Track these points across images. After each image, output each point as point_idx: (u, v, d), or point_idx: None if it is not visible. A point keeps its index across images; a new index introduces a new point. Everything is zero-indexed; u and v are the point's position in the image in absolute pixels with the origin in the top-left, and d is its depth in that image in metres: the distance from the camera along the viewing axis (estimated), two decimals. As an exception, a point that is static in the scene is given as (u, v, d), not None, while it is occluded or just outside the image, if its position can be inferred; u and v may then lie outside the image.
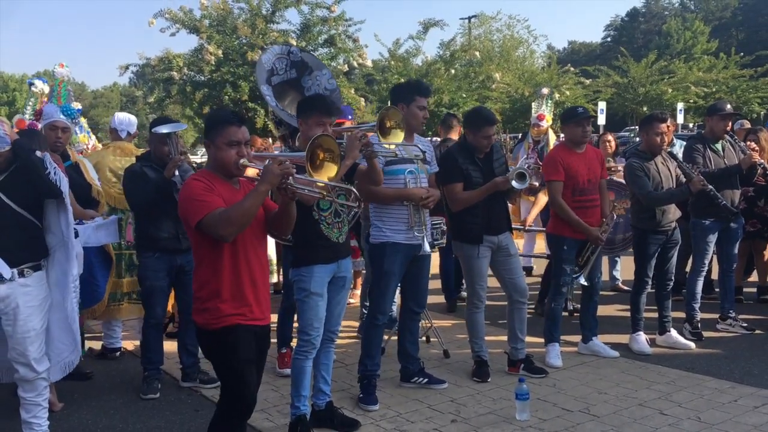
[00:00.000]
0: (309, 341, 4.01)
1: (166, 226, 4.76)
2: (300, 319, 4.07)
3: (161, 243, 4.78)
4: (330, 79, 5.30)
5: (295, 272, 4.03)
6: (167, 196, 4.64)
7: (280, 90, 5.14)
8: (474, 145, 4.95)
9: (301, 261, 4.00)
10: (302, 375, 4.03)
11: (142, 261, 4.92)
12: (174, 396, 4.87)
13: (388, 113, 4.06)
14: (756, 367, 5.10)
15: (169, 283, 4.92)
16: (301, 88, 5.19)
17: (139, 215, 4.91)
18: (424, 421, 4.30)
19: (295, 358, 4.07)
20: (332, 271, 4.05)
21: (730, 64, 36.26)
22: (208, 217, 3.01)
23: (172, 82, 14.07)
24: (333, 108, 4.16)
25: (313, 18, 14.29)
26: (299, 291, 4.01)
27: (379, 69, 22.03)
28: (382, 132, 3.99)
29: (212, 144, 3.20)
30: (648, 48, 47.47)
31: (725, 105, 5.94)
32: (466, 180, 4.87)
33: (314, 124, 3.94)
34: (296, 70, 5.23)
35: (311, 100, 4.17)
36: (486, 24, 40.22)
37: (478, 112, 5.12)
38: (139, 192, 4.72)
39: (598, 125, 22.84)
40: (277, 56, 5.25)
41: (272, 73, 5.15)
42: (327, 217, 4.01)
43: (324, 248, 3.99)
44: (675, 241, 5.58)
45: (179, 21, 13.72)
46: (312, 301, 3.98)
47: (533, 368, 5.06)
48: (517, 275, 5.05)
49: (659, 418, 4.22)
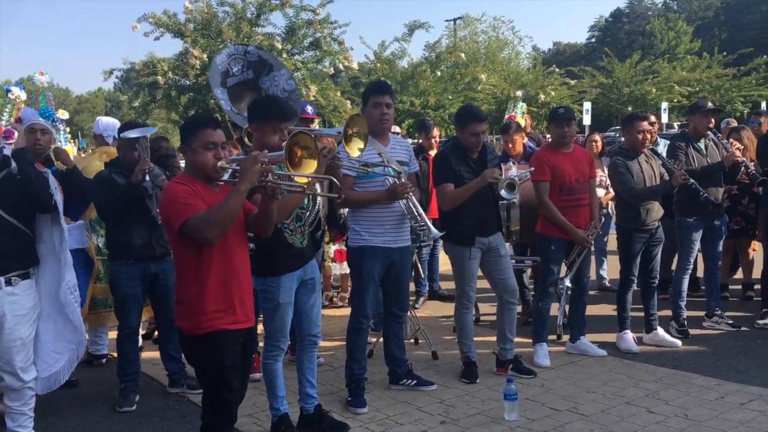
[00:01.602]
0: (278, 347, 4.03)
1: (138, 232, 4.68)
2: (268, 326, 4.04)
3: (134, 250, 4.69)
4: (288, 79, 5.20)
5: (260, 281, 3.93)
6: (138, 202, 4.56)
7: (236, 92, 5.02)
8: (464, 144, 4.95)
9: (267, 271, 3.92)
10: (274, 377, 4.04)
11: (114, 269, 4.80)
12: (161, 402, 4.83)
13: (353, 120, 3.96)
14: (742, 363, 5.14)
15: (143, 290, 4.82)
16: (259, 89, 5.09)
17: (109, 222, 4.81)
18: (412, 423, 4.29)
19: (265, 362, 4.06)
20: (299, 277, 4.02)
21: (713, 63, 36.61)
22: (192, 219, 2.99)
23: (157, 87, 14.03)
24: (289, 112, 4.02)
25: (298, 21, 14.30)
26: (267, 301, 3.97)
27: (365, 71, 22.07)
28: (345, 139, 3.89)
29: (189, 148, 3.17)
30: (632, 48, 47.78)
31: (706, 102, 5.99)
32: (458, 181, 4.87)
33: (270, 131, 3.76)
34: (253, 70, 5.12)
35: (265, 106, 3.97)
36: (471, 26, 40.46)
37: (465, 109, 5.13)
38: (106, 199, 4.63)
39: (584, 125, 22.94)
40: (233, 57, 5.11)
41: (227, 75, 5.04)
42: (289, 224, 3.95)
43: (290, 256, 3.95)
44: (658, 240, 5.61)
45: (163, 25, 13.69)
46: (281, 310, 3.96)
47: (522, 368, 5.07)
48: (507, 276, 5.06)
49: (647, 416, 4.23)
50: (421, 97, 21.12)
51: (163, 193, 3.21)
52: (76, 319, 4.12)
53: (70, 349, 4.21)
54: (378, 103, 4.54)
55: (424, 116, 7.67)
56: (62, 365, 4.18)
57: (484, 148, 5.03)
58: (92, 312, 5.48)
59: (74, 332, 4.19)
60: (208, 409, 3.23)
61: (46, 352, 4.08)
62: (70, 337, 4.18)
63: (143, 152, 4.63)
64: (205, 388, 3.27)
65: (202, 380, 3.27)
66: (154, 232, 4.74)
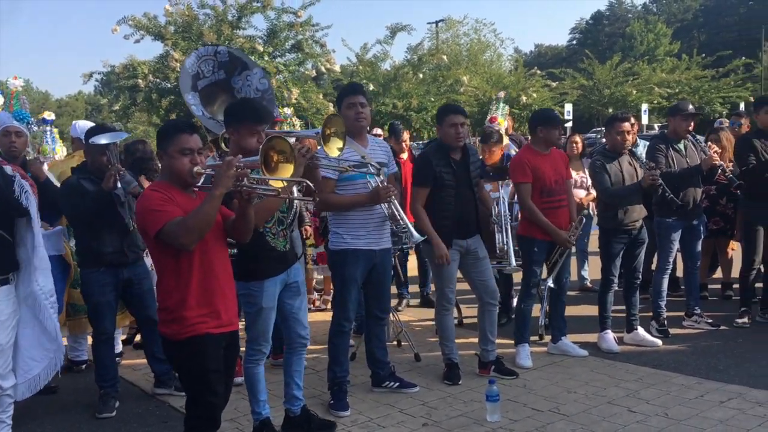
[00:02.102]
0: (260, 351, 4.02)
1: (109, 239, 4.60)
2: (250, 330, 4.02)
3: (106, 257, 4.61)
4: (262, 78, 5.13)
5: (243, 286, 3.90)
6: (108, 208, 4.50)
7: (208, 93, 4.94)
8: (446, 142, 4.95)
9: (250, 275, 3.90)
10: (256, 381, 4.03)
11: (85, 277, 4.71)
12: (141, 408, 4.79)
13: (330, 121, 3.95)
14: (721, 362, 5.19)
15: (115, 297, 4.75)
16: (231, 89, 5.03)
17: (80, 229, 4.73)
18: (395, 425, 4.29)
19: (246, 366, 4.04)
20: (282, 280, 4.00)
21: (692, 65, 37.04)
22: (167, 226, 2.97)
23: (138, 90, 13.92)
24: (264, 113, 3.98)
25: (279, 23, 14.26)
26: (249, 305, 3.94)
27: (347, 74, 22.08)
28: (323, 139, 3.89)
29: (165, 154, 3.16)
30: (612, 50, 48.17)
31: (687, 105, 6.04)
32: (437, 182, 4.87)
33: (247, 134, 3.75)
34: (225, 70, 5.05)
35: (240, 108, 3.93)
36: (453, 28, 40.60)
37: (443, 105, 5.14)
38: (75, 206, 4.56)
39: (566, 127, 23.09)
40: (203, 58, 5.01)
41: (198, 77, 4.96)
42: (271, 228, 3.93)
43: (273, 260, 3.93)
44: (641, 240, 5.65)
45: (143, 27, 13.59)
46: (264, 315, 3.95)
47: (504, 369, 5.09)
48: (487, 277, 5.07)
49: (628, 416, 4.26)
50: (403, 100, 21.18)
51: (137, 202, 3.19)
52: (51, 326, 4.07)
53: (48, 356, 4.16)
54: (352, 104, 4.53)
55: (395, 121, 7.71)
56: (39, 372, 4.13)
57: (466, 149, 5.03)
58: (71, 318, 5.42)
59: (52, 339, 4.14)
60: (192, 414, 3.22)
61: (23, 359, 4.03)
62: (48, 344, 4.13)
63: (113, 158, 4.55)
64: (188, 392, 3.26)
65: (185, 385, 3.27)
66: (126, 239, 4.68)
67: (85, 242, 4.68)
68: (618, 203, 5.49)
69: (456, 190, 4.90)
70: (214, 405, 3.19)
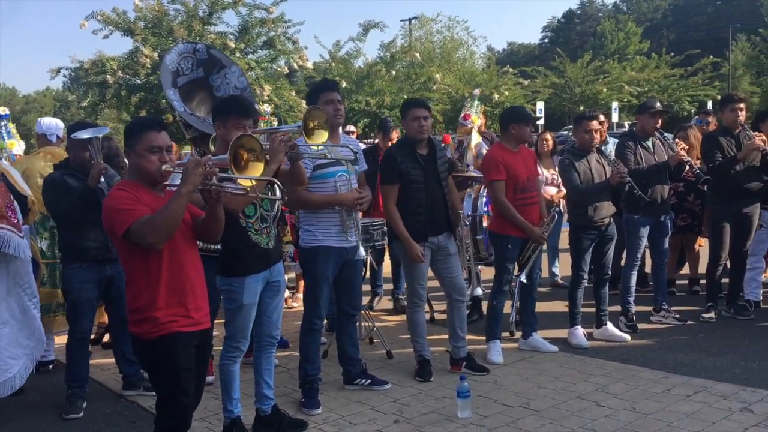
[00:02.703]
0: (238, 348, 3.99)
1: (93, 235, 4.57)
2: (229, 327, 3.99)
3: (90, 253, 4.59)
4: (240, 76, 5.12)
5: (224, 281, 3.91)
6: (93, 204, 4.46)
7: (187, 90, 4.93)
8: (409, 136, 4.96)
9: (232, 271, 3.90)
10: (231, 379, 3.99)
11: (67, 272, 4.69)
12: (110, 408, 4.73)
13: (312, 114, 3.95)
14: (688, 356, 5.27)
15: (98, 295, 4.73)
16: (210, 87, 5.02)
17: (63, 225, 4.70)
18: (366, 423, 4.29)
19: (223, 363, 4.00)
20: (264, 278, 3.98)
21: (661, 63, 37.61)
22: (134, 225, 2.94)
23: (107, 86, 13.73)
24: (251, 109, 4.05)
25: (251, 20, 14.16)
26: (230, 301, 3.93)
27: (320, 71, 22.03)
28: (306, 133, 3.89)
29: (133, 152, 3.12)
30: (584, 49, 48.70)
31: (655, 103, 6.13)
32: (405, 178, 4.87)
33: (233, 128, 3.80)
34: (203, 68, 5.03)
35: (227, 103, 4.00)
36: (426, 26, 40.63)
37: (406, 99, 5.14)
38: (61, 202, 4.53)
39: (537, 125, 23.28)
40: (182, 55, 5.01)
41: (178, 74, 4.93)
42: (254, 224, 3.92)
43: (256, 256, 3.91)
44: (610, 236, 5.71)
45: (112, 23, 13.40)
46: (245, 312, 3.92)
47: (475, 366, 5.11)
48: (455, 274, 5.09)
49: (596, 410, 4.31)
50: (376, 97, 21.17)
51: (104, 201, 3.14)
52: (36, 325, 4.02)
53: (26, 353, 4.12)
54: (330, 100, 4.50)
55: (387, 117, 7.50)
56: (17, 370, 4.08)
57: (433, 144, 5.04)
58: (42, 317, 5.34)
59: (30, 336, 4.09)
60: (162, 414, 3.18)
61: (2, 358, 3.97)
62: (26, 341, 4.10)
63: (95, 153, 4.53)
64: (159, 392, 3.21)
65: (156, 384, 3.23)
66: None
67: (69, 238, 4.64)
68: (587, 201, 5.54)
69: (425, 185, 4.91)
70: (184, 405, 3.15)
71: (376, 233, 5.67)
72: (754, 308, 6.29)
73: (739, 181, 5.98)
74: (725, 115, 6.14)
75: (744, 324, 6.04)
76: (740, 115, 6.03)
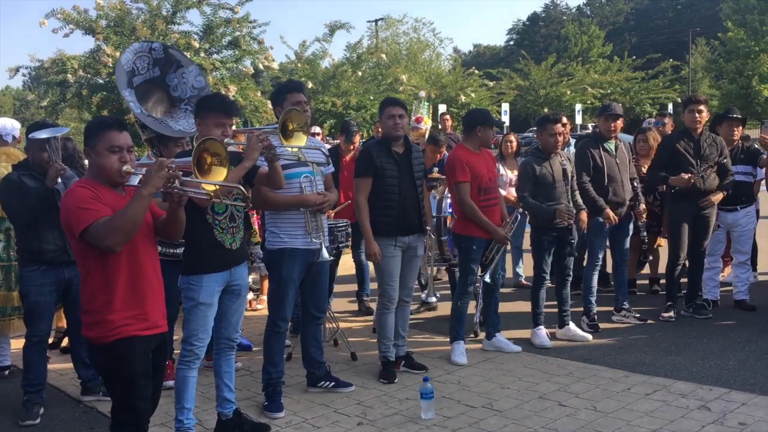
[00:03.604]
0: (193, 351, 3.90)
1: (51, 237, 4.50)
2: (186, 329, 3.92)
3: (47, 255, 4.52)
4: (198, 76, 5.07)
5: (184, 280, 3.89)
6: (50, 205, 4.39)
7: (143, 90, 4.87)
8: (385, 133, 4.97)
9: (191, 269, 3.87)
10: (186, 386, 3.90)
11: (25, 275, 4.61)
12: (67, 414, 4.64)
13: (291, 115, 3.93)
14: (648, 355, 5.35)
15: (56, 297, 4.66)
16: (167, 87, 4.96)
17: (20, 227, 4.62)
18: (329, 425, 4.27)
19: (179, 368, 3.93)
20: (224, 279, 3.93)
21: (623, 66, 38.22)
22: (93, 226, 2.88)
23: (67, 86, 13.46)
24: (232, 107, 4.02)
25: (216, 19, 13.98)
26: (187, 300, 3.88)
27: (286, 72, 21.90)
28: (284, 135, 3.87)
29: (93, 151, 3.05)
30: (548, 51, 49.27)
31: (611, 106, 6.21)
32: (379, 172, 4.86)
33: (213, 125, 3.81)
34: (159, 67, 4.97)
35: (209, 100, 4.02)
36: (393, 27, 40.73)
37: (384, 98, 5.17)
38: (18, 203, 4.46)
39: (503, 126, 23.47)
40: (138, 54, 4.93)
41: (133, 74, 4.87)
42: (222, 222, 3.88)
43: (216, 256, 3.86)
44: (571, 237, 5.78)
45: (73, 21, 13.13)
46: (200, 312, 3.86)
47: (414, 365, 5.17)
48: (411, 276, 5.14)
49: (558, 410, 4.35)
50: (342, 98, 21.10)
51: (63, 198, 3.07)
52: None
53: None
54: (298, 102, 4.48)
55: (350, 120, 7.39)
56: None
57: (409, 144, 5.05)
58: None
59: None
60: (118, 420, 3.12)
61: None
62: None
63: (54, 154, 4.45)
64: (114, 397, 3.14)
65: (111, 389, 3.15)
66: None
67: (26, 240, 4.56)
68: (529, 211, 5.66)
69: (399, 181, 4.91)
70: (141, 410, 3.10)
71: (340, 235, 5.65)
72: (712, 307, 6.42)
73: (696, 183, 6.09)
74: (685, 116, 6.25)
75: (702, 323, 6.15)
76: (698, 117, 6.11)
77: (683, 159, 6.07)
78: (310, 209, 4.44)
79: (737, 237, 6.53)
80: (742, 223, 6.46)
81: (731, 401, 4.35)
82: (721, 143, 6.23)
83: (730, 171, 6.20)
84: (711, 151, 6.10)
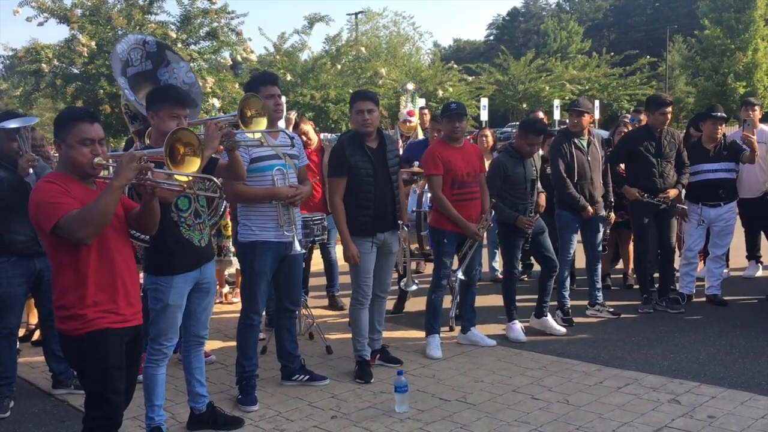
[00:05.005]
0: (162, 351, 3.86)
1: (21, 228, 4.43)
2: (153, 328, 3.85)
3: (17, 247, 4.46)
4: (188, 72, 5.06)
5: (151, 280, 3.80)
6: (21, 196, 4.33)
7: (134, 82, 4.86)
8: (354, 128, 4.94)
9: (159, 269, 3.78)
10: (155, 384, 3.85)
11: None
12: (38, 408, 4.59)
13: (248, 102, 3.86)
14: (620, 349, 5.41)
15: (26, 289, 4.61)
16: (158, 81, 4.93)
17: None
18: (303, 419, 4.27)
19: (146, 366, 3.86)
20: (194, 278, 3.87)
21: (601, 63, 38.47)
22: (63, 219, 2.85)
23: (41, 75, 13.27)
24: (186, 98, 3.95)
25: (193, 10, 13.85)
26: (155, 301, 3.80)
27: (265, 64, 21.72)
28: (243, 122, 3.81)
29: (63, 143, 3.02)
30: (527, 46, 49.45)
31: (578, 102, 6.26)
32: (354, 170, 4.83)
33: (167, 117, 3.70)
34: (152, 61, 4.95)
35: (162, 91, 3.90)
36: (373, 20, 40.54)
37: (354, 91, 5.13)
38: None
39: (481, 121, 23.56)
40: (132, 46, 4.93)
41: (127, 65, 4.86)
42: (187, 218, 3.81)
43: (185, 254, 3.79)
44: (540, 229, 5.78)
45: (48, 10, 12.94)
46: (170, 313, 3.80)
47: (389, 358, 5.18)
48: (387, 272, 5.14)
49: (531, 403, 4.39)
50: (321, 91, 21.01)
51: (31, 195, 3.03)
52: None
53: None
54: (271, 95, 4.46)
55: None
56: None
57: (383, 137, 5.02)
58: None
59: None
60: (91, 413, 3.09)
61: None
62: None
63: (24, 144, 4.40)
64: (87, 390, 3.12)
65: (84, 382, 3.13)
66: None
67: None
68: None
69: (374, 178, 4.86)
70: (115, 403, 3.08)
71: (316, 228, 5.63)
72: (686, 302, 6.49)
73: (655, 179, 6.22)
74: (655, 117, 6.28)
75: (674, 317, 6.22)
76: (668, 119, 6.30)
77: (645, 159, 6.22)
78: (282, 202, 4.42)
79: (718, 231, 6.59)
80: (725, 217, 6.54)
81: (701, 395, 4.41)
82: (679, 137, 6.41)
83: (686, 164, 6.36)
84: (671, 149, 6.26)
